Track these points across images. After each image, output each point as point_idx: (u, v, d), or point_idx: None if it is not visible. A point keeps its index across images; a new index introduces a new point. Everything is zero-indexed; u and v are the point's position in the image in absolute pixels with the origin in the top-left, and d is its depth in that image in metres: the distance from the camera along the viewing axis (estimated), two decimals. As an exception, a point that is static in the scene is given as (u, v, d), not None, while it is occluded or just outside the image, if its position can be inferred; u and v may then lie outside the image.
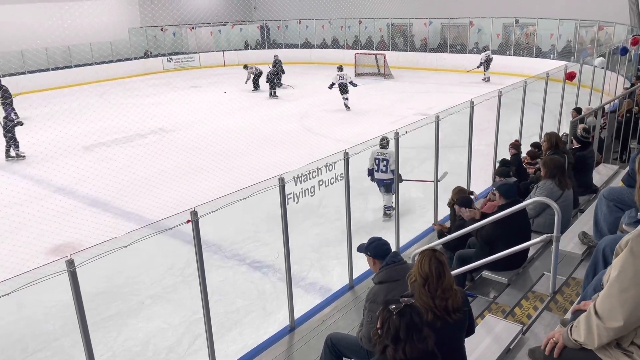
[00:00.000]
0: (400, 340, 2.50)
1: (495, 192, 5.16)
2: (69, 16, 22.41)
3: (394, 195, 7.72)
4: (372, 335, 2.68)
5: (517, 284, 4.64)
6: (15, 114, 13.99)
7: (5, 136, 12.65)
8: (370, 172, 8.50)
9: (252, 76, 20.44)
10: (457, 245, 5.26)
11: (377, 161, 8.37)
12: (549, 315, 3.75)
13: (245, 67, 20.78)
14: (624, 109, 8.48)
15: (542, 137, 7.30)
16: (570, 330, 2.30)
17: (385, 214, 8.68)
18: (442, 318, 2.82)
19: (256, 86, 20.53)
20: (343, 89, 16.58)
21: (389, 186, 8.41)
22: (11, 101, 15.00)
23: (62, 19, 22.16)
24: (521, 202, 4.99)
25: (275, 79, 19.35)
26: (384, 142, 8.25)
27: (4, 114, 13.32)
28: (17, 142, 12.76)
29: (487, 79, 20.62)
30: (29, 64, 22.00)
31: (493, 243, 4.61)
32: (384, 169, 8.34)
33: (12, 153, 12.84)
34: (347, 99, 16.63)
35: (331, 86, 16.74)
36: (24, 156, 12.82)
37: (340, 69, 17.00)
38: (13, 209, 9.05)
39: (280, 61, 20.28)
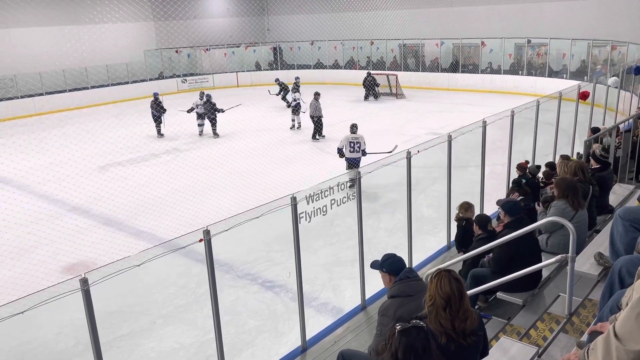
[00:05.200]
0: None
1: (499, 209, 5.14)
2: (87, 39, 22.93)
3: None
4: (379, 349, 2.66)
5: (532, 306, 4.57)
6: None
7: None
8: (340, 152, 10.73)
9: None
10: (473, 265, 5.21)
11: (351, 144, 10.65)
12: (565, 337, 3.68)
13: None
14: (639, 129, 8.41)
15: (558, 162, 7.23)
16: (588, 352, 2.26)
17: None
18: (457, 341, 2.77)
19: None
20: (200, 116, 17.05)
21: (357, 162, 10.57)
22: None
23: (79, 42, 22.68)
24: (526, 219, 4.98)
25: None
26: (354, 128, 10.99)
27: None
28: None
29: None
30: (47, 85, 22.47)
31: (507, 268, 4.56)
32: (357, 149, 10.60)
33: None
34: (200, 125, 17.05)
35: (190, 110, 17.02)
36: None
37: (201, 96, 17.18)
38: (28, 228, 9.15)
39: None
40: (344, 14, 26.99)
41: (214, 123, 16.86)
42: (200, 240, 4.17)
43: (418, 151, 6.50)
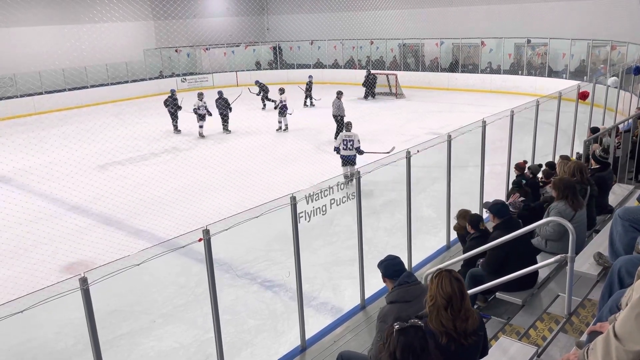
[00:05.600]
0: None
1: (487, 212, 5.16)
2: (86, 38, 22.91)
3: (355, 166, 10.46)
4: (378, 348, 2.66)
5: (531, 305, 4.58)
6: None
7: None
8: (337, 150, 11.12)
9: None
10: (470, 264, 5.22)
11: (344, 142, 10.94)
12: (565, 337, 3.69)
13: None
14: (639, 129, 8.41)
15: (557, 162, 7.23)
16: (587, 352, 2.26)
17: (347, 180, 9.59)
18: (458, 341, 2.77)
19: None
20: (201, 117, 16.68)
21: (351, 159, 10.91)
22: None
23: (79, 41, 22.66)
24: (516, 219, 4.98)
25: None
26: (349, 127, 11.30)
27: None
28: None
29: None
30: (47, 84, 22.45)
31: (501, 269, 4.56)
32: (350, 146, 10.87)
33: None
34: (201, 126, 16.68)
35: (195, 111, 16.71)
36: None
37: (200, 97, 16.95)
38: (28, 227, 9.14)
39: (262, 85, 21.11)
40: (343, 14, 26.99)
41: (225, 120, 16.94)
42: (200, 240, 4.17)
43: (418, 151, 6.50)
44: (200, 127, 16.72)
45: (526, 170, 7.73)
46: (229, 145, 15.01)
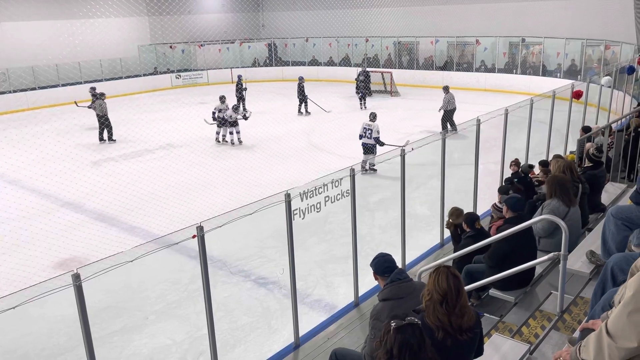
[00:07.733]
0: (392, 357, 2.48)
1: (502, 204, 5.17)
2: (80, 33, 22.76)
3: (373, 156, 11.27)
4: (374, 346, 2.66)
5: (524, 303, 4.60)
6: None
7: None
8: (361, 137, 11.58)
9: None
10: (462, 262, 5.24)
11: (364, 130, 11.48)
12: (557, 334, 3.71)
13: None
14: (631, 128, 8.46)
15: (551, 160, 7.26)
16: (579, 349, 2.27)
17: (364, 169, 11.16)
18: (454, 336, 2.79)
19: None
20: (232, 123, 15.04)
21: (369, 148, 11.46)
22: None
23: (72, 36, 22.51)
24: (528, 217, 4.98)
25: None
26: (371, 117, 11.79)
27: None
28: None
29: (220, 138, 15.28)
30: (40, 79, 22.30)
31: (502, 263, 4.57)
32: (369, 135, 11.41)
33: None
34: (231, 132, 15.06)
35: (214, 118, 15.13)
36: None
37: (222, 99, 15.57)
38: (21, 223, 9.09)
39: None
40: (339, 11, 26.95)
41: (303, 103, 18.85)
42: (194, 237, 4.16)
43: (412, 149, 6.52)
44: (230, 133, 15.13)
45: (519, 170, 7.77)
46: (223, 142, 14.96)
